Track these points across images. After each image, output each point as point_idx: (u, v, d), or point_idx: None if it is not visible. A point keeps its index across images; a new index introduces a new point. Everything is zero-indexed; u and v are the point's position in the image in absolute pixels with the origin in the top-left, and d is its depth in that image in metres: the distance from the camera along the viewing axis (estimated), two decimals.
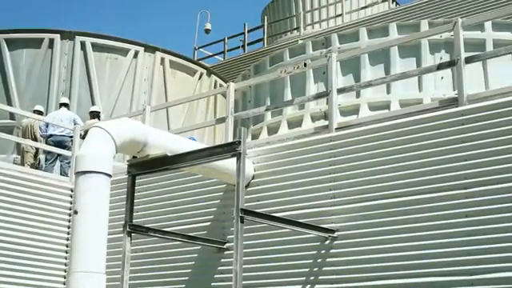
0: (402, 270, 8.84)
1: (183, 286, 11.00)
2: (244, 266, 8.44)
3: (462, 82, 9.39)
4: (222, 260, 10.59)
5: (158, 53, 19.82)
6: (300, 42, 19.05)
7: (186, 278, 11.03)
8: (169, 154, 9.55)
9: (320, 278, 9.59)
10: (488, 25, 11.78)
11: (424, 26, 12.07)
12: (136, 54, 19.47)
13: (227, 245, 10.52)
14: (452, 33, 9.84)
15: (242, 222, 8.48)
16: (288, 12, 29.41)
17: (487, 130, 8.63)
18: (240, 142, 8.65)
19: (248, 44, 30.96)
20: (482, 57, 10.41)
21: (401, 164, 9.18)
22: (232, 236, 8.66)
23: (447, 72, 11.17)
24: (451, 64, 10.02)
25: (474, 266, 8.29)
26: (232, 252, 8.58)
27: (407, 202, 8.99)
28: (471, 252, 8.35)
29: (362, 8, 27.69)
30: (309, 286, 9.65)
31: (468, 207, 8.53)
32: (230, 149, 8.86)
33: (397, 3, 28.89)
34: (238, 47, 31.76)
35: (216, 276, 10.63)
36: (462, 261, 8.40)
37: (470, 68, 9.77)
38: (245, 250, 8.60)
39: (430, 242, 8.68)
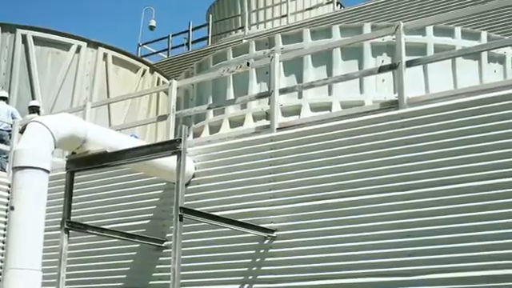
0: (341, 270, 8.90)
1: (121, 284, 10.91)
2: (182, 265, 8.41)
3: (403, 85, 9.50)
4: (161, 258, 10.54)
5: (100, 48, 19.63)
6: (244, 41, 19.05)
7: (125, 276, 10.95)
8: (108, 151, 9.47)
9: (258, 277, 9.60)
10: (429, 29, 11.93)
11: (367, 28, 12.17)
12: (78, 49, 19.25)
13: (166, 243, 10.46)
14: (394, 36, 9.96)
15: (181, 220, 8.45)
16: (233, 11, 29.39)
17: (426, 133, 8.75)
18: (181, 139, 8.62)
19: (192, 42, 30.86)
20: (423, 61, 10.54)
21: (341, 165, 9.25)
22: (171, 234, 8.61)
23: (388, 75, 11.28)
24: (392, 67, 10.13)
25: (415, 267, 8.40)
26: (171, 250, 8.54)
27: (346, 202, 9.07)
28: (411, 253, 8.46)
29: (307, 9, 27.80)
30: (247, 285, 9.66)
31: (408, 208, 8.63)
32: (171, 147, 8.82)
33: (341, 5, 29.12)
34: (182, 45, 31.68)
35: (154, 274, 10.57)
36: (403, 261, 8.50)
37: (411, 72, 9.90)
38: (184, 249, 8.57)
39: (369, 243, 8.77)
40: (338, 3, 28.80)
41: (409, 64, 9.70)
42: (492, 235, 7.97)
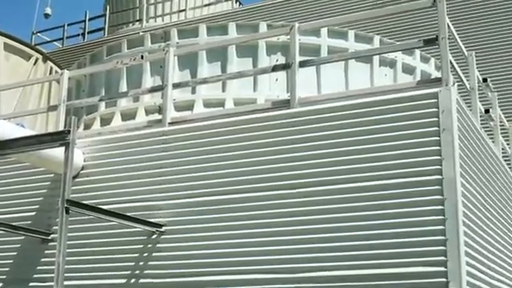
0: (226, 267, 8.96)
1: (5, 276, 10.67)
2: (68, 258, 8.26)
3: (295, 85, 9.64)
4: (46, 251, 10.34)
5: None
6: (141, 34, 18.87)
7: (8, 268, 10.70)
8: None
9: (145, 272, 9.56)
10: (324, 31, 12.09)
11: (262, 27, 12.25)
12: None
13: (52, 236, 10.28)
14: (289, 36, 10.07)
15: (68, 213, 8.29)
16: (131, 3, 29.07)
17: (316, 132, 8.91)
18: (69, 131, 8.47)
19: (88, 32, 30.39)
20: (316, 62, 10.69)
21: (231, 162, 9.31)
22: (58, 227, 8.45)
23: (282, 74, 11.38)
24: (286, 67, 10.26)
25: (297, 265, 8.54)
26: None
27: (235, 199, 9.14)
28: (295, 251, 8.59)
29: (206, 5, 27.81)
30: (134, 279, 9.60)
31: (294, 207, 8.77)
32: (59, 138, 8.63)
33: (240, 3, 29.23)
34: (78, 35, 31.17)
35: (39, 268, 10.36)
36: (286, 259, 8.63)
37: (304, 72, 10.05)
38: (70, 242, 8.41)
39: (255, 240, 8.87)
40: (236, 1, 28.92)
41: (302, 64, 9.85)
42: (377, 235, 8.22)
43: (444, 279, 7.82)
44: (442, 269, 7.85)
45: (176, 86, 10.71)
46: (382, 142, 8.54)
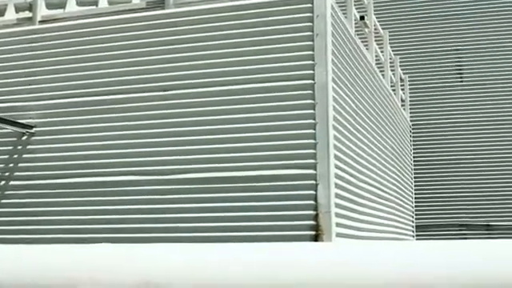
0: (98, 169, 8.92)
1: None
2: None
3: None
4: None
5: None
6: None
7: None
8: None
9: (16, 174, 9.39)
10: None
11: None
12: None
13: None
14: None
15: None
16: None
17: (190, 34, 8.81)
18: None
19: None
20: None
21: (102, 62, 9.13)
22: None
23: None
24: None
25: (167, 167, 8.57)
26: None
27: (106, 101, 9.02)
28: (164, 153, 8.63)
29: None
30: (4, 181, 9.42)
31: (164, 109, 8.74)
32: None
33: None
34: None
35: None
36: (155, 161, 8.66)
37: None
38: None
39: (125, 142, 8.85)
40: None
41: None
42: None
43: (313, 181, 8.00)
44: (312, 171, 8.03)
45: None
46: (256, 45, 8.53)
